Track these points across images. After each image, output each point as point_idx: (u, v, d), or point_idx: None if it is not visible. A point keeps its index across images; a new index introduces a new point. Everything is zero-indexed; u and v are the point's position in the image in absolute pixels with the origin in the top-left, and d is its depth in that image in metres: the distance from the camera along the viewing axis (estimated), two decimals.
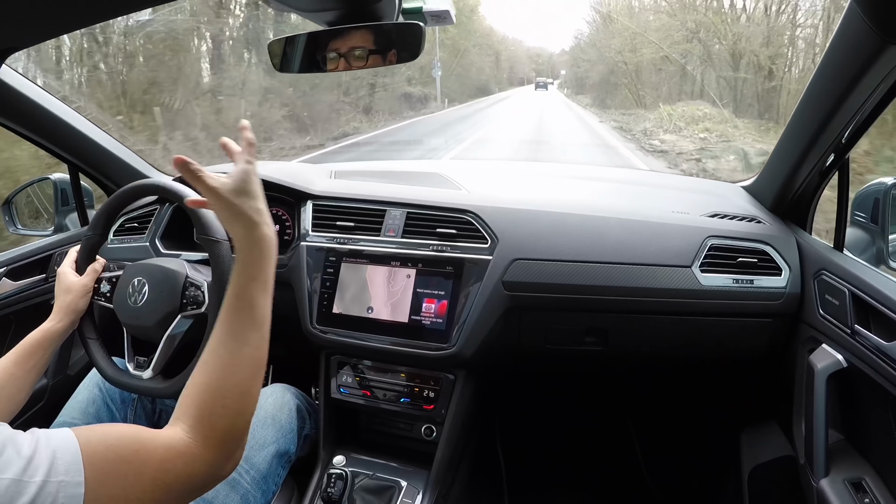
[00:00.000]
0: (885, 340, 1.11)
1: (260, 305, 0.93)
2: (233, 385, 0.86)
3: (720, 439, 1.91)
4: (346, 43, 0.98)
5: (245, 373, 0.88)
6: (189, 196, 1.33)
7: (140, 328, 1.37)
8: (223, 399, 0.85)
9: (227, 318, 0.91)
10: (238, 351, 0.89)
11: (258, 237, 0.95)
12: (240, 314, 0.91)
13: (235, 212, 0.95)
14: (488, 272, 1.46)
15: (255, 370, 0.90)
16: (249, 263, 0.94)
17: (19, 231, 1.97)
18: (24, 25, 0.99)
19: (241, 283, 0.93)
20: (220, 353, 0.88)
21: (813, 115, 1.26)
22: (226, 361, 0.88)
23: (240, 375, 0.88)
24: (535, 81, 77.04)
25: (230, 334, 0.90)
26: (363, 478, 1.47)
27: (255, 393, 0.90)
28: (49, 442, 0.68)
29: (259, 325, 0.93)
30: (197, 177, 0.94)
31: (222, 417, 0.84)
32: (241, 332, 0.90)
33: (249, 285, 0.93)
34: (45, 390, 1.77)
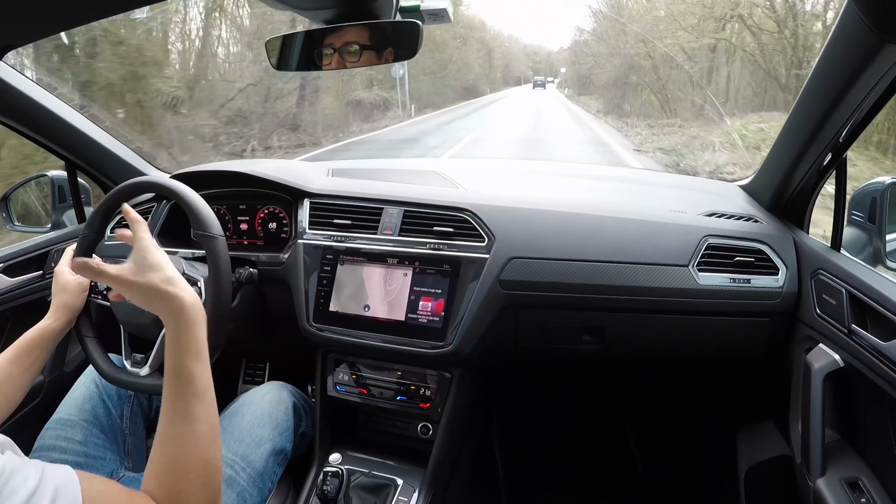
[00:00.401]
0: (882, 340, 1.11)
1: (198, 376, 0.93)
2: (192, 461, 0.87)
3: (718, 438, 1.91)
4: (343, 40, 0.98)
5: (200, 447, 0.89)
6: (185, 193, 1.33)
7: (137, 325, 1.37)
8: (186, 475, 0.86)
9: (169, 398, 0.91)
10: (188, 429, 0.89)
11: (177, 307, 0.95)
12: (180, 391, 0.91)
13: (146, 290, 0.96)
14: (485, 270, 1.46)
15: (209, 441, 0.90)
16: (177, 335, 0.94)
17: (16, 228, 1.97)
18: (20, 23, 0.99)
19: (173, 357, 0.93)
20: (172, 434, 0.89)
21: (810, 113, 1.26)
22: (177, 441, 0.88)
23: (196, 451, 0.88)
24: (534, 80, 74.26)
25: (176, 414, 0.90)
26: (359, 476, 1.47)
27: (216, 464, 0.90)
28: (53, 478, 0.69)
29: (202, 397, 0.92)
30: (98, 273, 0.96)
31: (190, 493, 0.85)
32: (186, 410, 0.90)
33: (182, 358, 0.93)
34: (42, 387, 1.77)
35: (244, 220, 1.80)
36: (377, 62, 0.98)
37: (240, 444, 1.33)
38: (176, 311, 0.95)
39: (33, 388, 1.69)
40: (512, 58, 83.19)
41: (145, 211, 1.81)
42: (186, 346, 0.93)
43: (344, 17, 0.96)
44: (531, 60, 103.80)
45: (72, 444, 1.32)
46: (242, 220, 1.80)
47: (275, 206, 1.76)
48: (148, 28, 11.07)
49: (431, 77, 28.64)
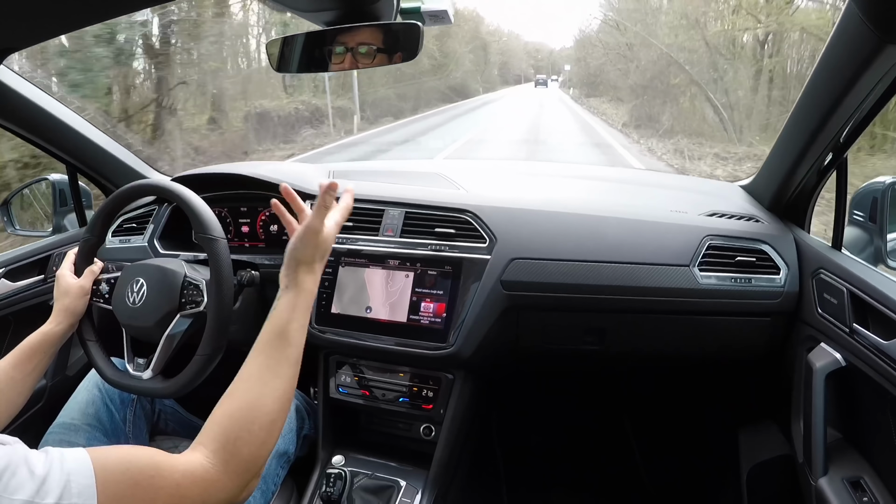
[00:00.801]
0: (883, 339, 1.11)
1: (297, 345, 0.98)
2: (263, 414, 0.89)
3: (719, 439, 1.92)
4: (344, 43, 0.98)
5: (275, 404, 0.92)
6: (187, 196, 1.33)
7: (139, 328, 1.37)
8: (251, 426, 0.87)
9: (264, 350, 0.96)
10: (272, 382, 0.93)
11: (311, 283, 1.04)
12: (279, 349, 0.96)
13: (320, 248, 1.06)
14: (487, 272, 1.46)
15: (284, 403, 0.94)
16: (296, 303, 1.01)
17: (17, 232, 1.97)
18: (21, 26, 0.99)
19: (283, 319, 0.98)
20: (254, 383, 0.92)
21: (811, 114, 1.26)
22: (259, 391, 0.91)
23: (270, 406, 0.91)
24: (536, 78, 70.46)
25: (267, 367, 0.94)
26: (362, 477, 1.47)
27: (280, 425, 0.93)
28: (63, 464, 0.68)
29: (293, 363, 0.98)
30: (326, 202, 1.05)
31: (248, 444, 0.86)
32: (277, 366, 0.95)
33: (293, 324, 0.98)
34: (44, 391, 1.77)
35: (245, 222, 1.80)
36: (382, 63, 0.98)
37: None
38: (308, 285, 1.03)
39: (36, 392, 1.69)
40: (511, 54, 78.60)
41: (146, 214, 1.82)
42: (298, 316, 1.00)
43: (345, 19, 0.96)
44: (532, 58, 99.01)
45: None
46: (244, 222, 1.80)
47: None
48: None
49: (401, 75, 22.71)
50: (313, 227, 1.04)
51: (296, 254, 1.04)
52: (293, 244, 1.04)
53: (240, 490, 0.85)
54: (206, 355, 1.27)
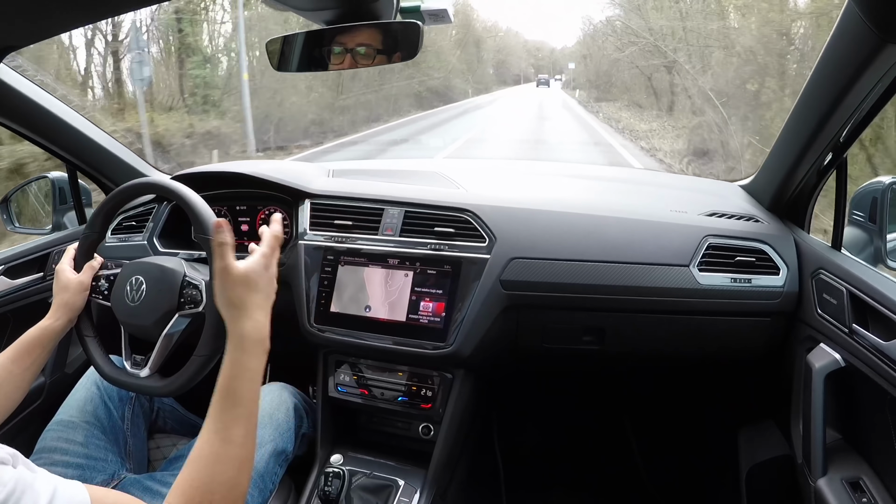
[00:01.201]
0: (883, 340, 1.11)
1: (246, 402, 0.95)
2: (219, 482, 0.88)
3: (719, 439, 1.92)
4: (344, 42, 0.98)
5: (231, 471, 0.90)
6: (187, 195, 1.33)
7: (138, 326, 1.37)
8: (211, 495, 0.87)
9: (212, 414, 0.93)
10: (222, 449, 0.90)
11: (249, 329, 0.99)
12: (225, 411, 0.93)
13: (231, 294, 1.00)
14: (486, 271, 1.46)
15: (240, 466, 0.92)
16: (238, 356, 0.96)
17: (17, 229, 1.97)
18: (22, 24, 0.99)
19: (227, 377, 0.95)
20: (206, 452, 0.90)
21: (811, 113, 1.26)
22: (211, 459, 0.89)
23: (226, 474, 0.89)
24: (538, 78, 65.98)
25: (215, 432, 0.91)
26: (361, 476, 1.47)
27: (243, 489, 0.92)
28: (64, 496, 0.69)
29: (245, 421, 0.94)
30: (220, 247, 1.01)
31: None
32: (226, 430, 0.91)
33: (237, 380, 0.95)
34: (43, 388, 1.77)
35: (245, 220, 1.80)
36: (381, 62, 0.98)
37: None
38: (246, 329, 0.98)
39: (34, 389, 1.70)
40: (510, 52, 72.74)
41: (146, 212, 1.82)
42: (243, 368, 0.96)
43: (345, 18, 0.96)
44: (533, 57, 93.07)
45: (73, 446, 1.32)
46: (243, 221, 1.81)
47: (275, 207, 1.76)
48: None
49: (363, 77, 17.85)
50: (217, 268, 1.01)
51: (219, 300, 1.01)
52: (215, 292, 1.02)
53: None
54: (204, 356, 1.27)
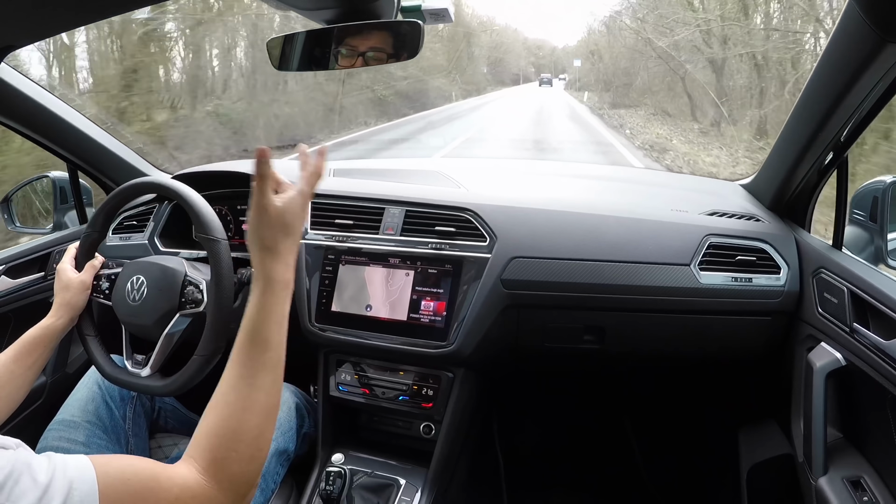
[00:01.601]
0: (883, 339, 1.11)
1: (275, 346, 0.91)
2: (245, 430, 0.85)
3: (719, 438, 1.91)
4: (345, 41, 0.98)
5: (258, 418, 0.86)
6: (188, 195, 1.33)
7: (138, 326, 1.37)
8: (236, 444, 0.84)
9: (239, 360, 0.89)
10: (250, 396, 0.87)
11: (280, 271, 0.94)
12: (253, 356, 0.89)
13: (267, 233, 0.94)
14: (487, 270, 1.46)
15: (267, 415, 0.88)
16: (265, 298, 0.92)
17: (18, 229, 1.97)
18: (22, 24, 0.99)
19: (254, 320, 0.91)
20: (232, 399, 0.86)
21: (812, 113, 1.26)
22: (237, 406, 0.86)
23: (252, 421, 0.86)
24: (540, 77, 62.41)
25: (242, 378, 0.88)
26: (362, 476, 1.47)
27: (268, 437, 0.88)
28: (66, 471, 0.67)
29: (273, 367, 0.90)
30: (263, 175, 0.93)
31: (235, 462, 0.83)
32: (254, 376, 0.88)
33: (265, 323, 0.91)
34: (44, 388, 1.77)
35: (245, 220, 1.80)
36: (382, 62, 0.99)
37: None
38: (277, 273, 0.93)
39: (36, 389, 1.70)
40: (507, 50, 65.61)
41: (147, 211, 1.82)
42: (271, 312, 0.91)
43: (345, 17, 0.96)
44: (533, 55, 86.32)
45: (74, 446, 1.32)
46: (244, 220, 1.81)
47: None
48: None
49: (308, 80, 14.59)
50: (257, 204, 0.93)
51: (252, 238, 0.94)
52: (248, 229, 0.95)
53: (237, 502, 0.83)
54: (204, 356, 1.27)
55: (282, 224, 0.95)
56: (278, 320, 0.92)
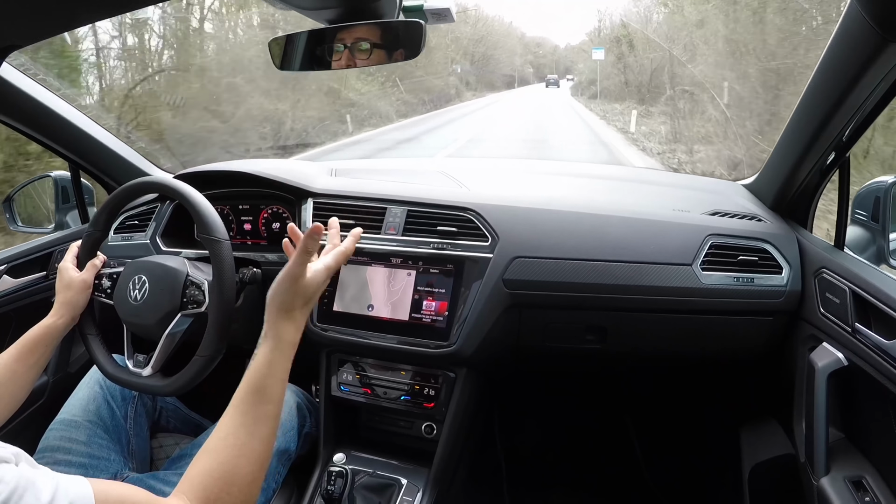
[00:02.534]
0: (885, 339, 1.11)
1: (276, 400, 0.96)
2: (240, 476, 0.88)
3: (720, 438, 1.91)
4: (347, 41, 0.98)
5: (253, 465, 0.90)
6: (190, 195, 1.33)
7: (140, 326, 1.37)
8: (230, 487, 0.86)
9: (240, 408, 0.93)
10: (248, 444, 0.90)
11: (291, 333, 1.00)
12: (255, 406, 0.93)
13: (301, 295, 1.01)
14: (489, 270, 1.46)
15: (262, 463, 0.92)
16: (274, 356, 0.97)
17: (20, 228, 1.97)
18: (24, 23, 0.99)
19: (261, 375, 0.95)
20: (230, 444, 0.89)
21: (813, 113, 1.26)
22: (235, 452, 0.89)
23: (248, 468, 0.89)
24: (547, 79, 56.78)
25: (242, 426, 0.91)
26: (363, 476, 1.47)
27: (259, 483, 0.91)
28: (67, 493, 0.68)
29: (272, 419, 0.95)
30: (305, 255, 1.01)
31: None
32: (253, 425, 0.92)
33: (271, 379, 0.95)
34: (46, 387, 1.77)
35: (247, 220, 1.81)
36: (385, 61, 0.99)
37: None
38: (288, 335, 0.99)
39: (37, 388, 1.70)
40: (498, 45, 54.78)
41: (148, 211, 1.82)
42: (276, 368, 0.96)
43: (347, 16, 0.96)
44: (531, 53, 77.16)
45: (76, 445, 1.33)
46: (246, 219, 1.81)
47: (278, 206, 1.77)
48: None
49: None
50: (292, 273, 1.00)
51: (275, 299, 1.00)
52: (272, 288, 1.01)
53: None
54: (206, 356, 1.28)
55: (304, 293, 1.01)
56: (282, 377, 0.97)
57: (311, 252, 1.01)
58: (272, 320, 0.99)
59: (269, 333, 0.98)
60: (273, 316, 0.99)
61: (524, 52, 72.24)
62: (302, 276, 1.00)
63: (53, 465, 1.21)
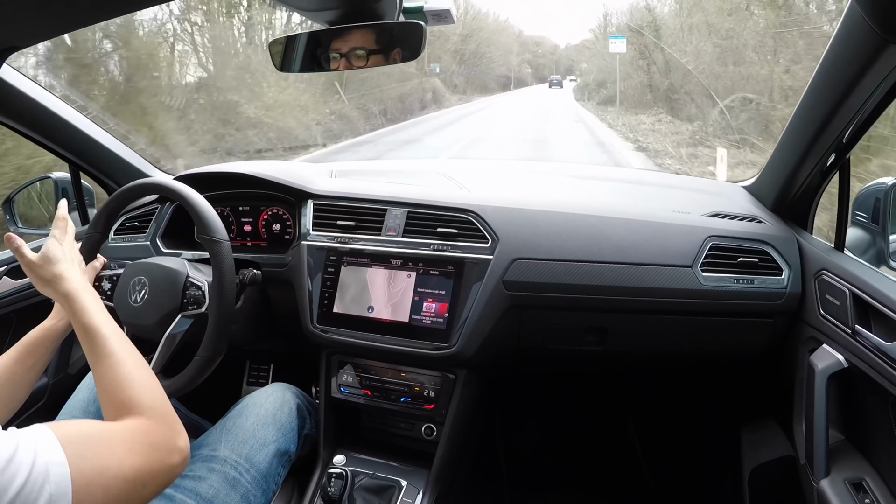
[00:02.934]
0: (885, 340, 1.11)
1: (103, 333, 1.04)
2: (143, 380, 0.98)
3: (720, 439, 1.91)
4: (348, 42, 0.98)
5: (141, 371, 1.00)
6: (190, 196, 1.33)
7: (140, 327, 1.37)
8: (129, 389, 0.96)
9: (87, 348, 1.04)
10: (111, 363, 0.99)
11: (63, 293, 1.11)
12: (94, 341, 1.02)
13: (41, 276, 1.16)
14: (489, 272, 1.46)
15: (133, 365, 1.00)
16: (73, 312, 1.08)
17: (20, 230, 1.97)
18: (24, 25, 0.99)
19: (78, 322, 1.06)
20: (101, 373, 1.00)
21: (814, 114, 1.26)
22: (111, 375, 0.98)
23: (123, 371, 0.98)
24: (550, 79, 54.40)
25: (92, 354, 1.02)
26: (363, 477, 1.47)
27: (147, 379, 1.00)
28: (27, 442, 0.71)
29: (112, 339, 1.03)
30: (16, 250, 1.19)
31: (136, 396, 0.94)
32: (102, 350, 1.01)
33: (87, 326, 1.04)
34: (46, 389, 1.77)
35: (248, 221, 1.81)
36: (384, 63, 0.99)
37: (243, 446, 1.33)
38: (62, 296, 1.11)
39: (37, 390, 1.70)
40: (492, 43, 49.17)
41: (148, 212, 1.82)
42: (83, 311, 1.07)
43: (348, 18, 0.96)
44: (529, 52, 70.69)
45: None
46: (246, 221, 1.81)
47: (278, 208, 1.77)
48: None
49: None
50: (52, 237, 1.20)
51: (39, 267, 1.16)
52: (36, 257, 1.18)
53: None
54: (206, 357, 1.28)
55: (42, 259, 1.17)
56: (92, 312, 1.08)
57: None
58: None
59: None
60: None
61: (521, 50, 65.93)
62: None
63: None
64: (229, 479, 1.26)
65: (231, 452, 1.31)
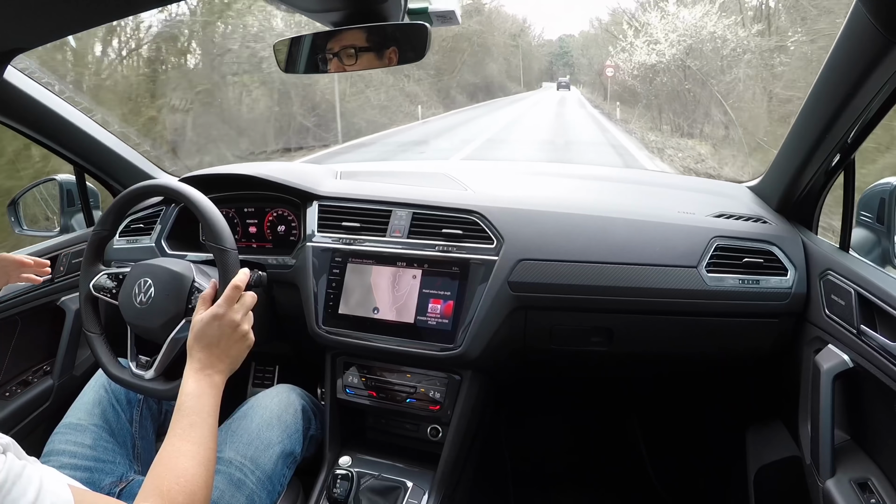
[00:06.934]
0: (891, 340, 1.11)
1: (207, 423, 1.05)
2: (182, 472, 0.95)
3: (725, 439, 1.91)
4: (352, 43, 0.98)
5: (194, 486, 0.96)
6: (199, 201, 1.34)
7: (145, 328, 1.38)
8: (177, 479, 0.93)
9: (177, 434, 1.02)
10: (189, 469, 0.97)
11: (215, 354, 1.18)
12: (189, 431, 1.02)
13: (228, 320, 1.17)
14: (494, 273, 1.46)
15: (207, 481, 0.98)
16: (203, 386, 1.10)
17: (25, 232, 1.98)
18: (28, 27, 0.99)
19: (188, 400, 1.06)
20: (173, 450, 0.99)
21: (818, 114, 1.26)
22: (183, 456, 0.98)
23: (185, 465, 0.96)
24: (558, 81, 58.45)
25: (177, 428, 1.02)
26: (369, 478, 1.48)
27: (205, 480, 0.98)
28: (49, 494, 0.70)
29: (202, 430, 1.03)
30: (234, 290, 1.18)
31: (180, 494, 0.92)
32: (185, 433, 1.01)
33: (192, 408, 1.05)
34: (52, 391, 1.77)
35: (253, 222, 1.81)
36: (387, 65, 0.99)
37: (249, 447, 1.33)
38: (212, 362, 1.16)
39: (43, 391, 1.70)
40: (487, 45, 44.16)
41: (153, 214, 1.82)
42: (202, 392, 1.08)
43: (352, 19, 0.96)
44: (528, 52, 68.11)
45: (81, 449, 1.33)
46: (251, 222, 1.81)
47: (283, 209, 1.77)
48: None
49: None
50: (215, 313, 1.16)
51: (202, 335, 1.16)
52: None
53: None
54: None
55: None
56: (212, 403, 1.10)
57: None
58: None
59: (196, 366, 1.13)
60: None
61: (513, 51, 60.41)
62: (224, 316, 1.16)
63: (59, 469, 1.22)
64: (234, 481, 1.26)
65: (236, 454, 1.31)
